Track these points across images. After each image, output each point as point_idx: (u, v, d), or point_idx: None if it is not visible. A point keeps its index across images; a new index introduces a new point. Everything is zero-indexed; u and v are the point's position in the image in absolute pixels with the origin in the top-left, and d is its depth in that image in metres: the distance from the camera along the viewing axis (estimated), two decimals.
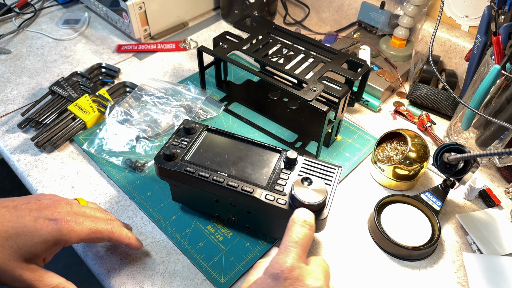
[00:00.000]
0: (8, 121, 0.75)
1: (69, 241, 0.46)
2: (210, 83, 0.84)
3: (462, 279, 0.56)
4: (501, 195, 0.66)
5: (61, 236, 0.45)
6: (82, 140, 0.71)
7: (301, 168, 0.54)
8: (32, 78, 0.85)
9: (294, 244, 0.37)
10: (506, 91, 0.61)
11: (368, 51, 0.86)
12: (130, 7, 0.88)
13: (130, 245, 0.53)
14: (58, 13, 1.04)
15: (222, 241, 0.58)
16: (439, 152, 0.58)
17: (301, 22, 1.04)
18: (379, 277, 0.56)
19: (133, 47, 0.93)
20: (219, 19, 1.05)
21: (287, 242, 0.37)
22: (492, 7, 0.64)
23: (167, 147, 0.55)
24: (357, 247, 0.59)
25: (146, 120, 0.73)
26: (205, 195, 0.56)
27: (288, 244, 0.37)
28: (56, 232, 0.44)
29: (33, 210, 0.45)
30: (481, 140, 0.66)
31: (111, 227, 0.50)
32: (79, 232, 0.46)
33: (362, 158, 0.71)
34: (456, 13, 0.83)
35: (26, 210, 0.45)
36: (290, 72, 0.67)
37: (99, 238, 0.49)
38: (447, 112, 0.78)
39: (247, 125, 0.76)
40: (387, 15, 0.89)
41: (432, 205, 0.61)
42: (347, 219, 0.62)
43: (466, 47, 0.81)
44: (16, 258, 0.43)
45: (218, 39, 0.75)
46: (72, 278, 0.48)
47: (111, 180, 0.66)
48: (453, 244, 0.60)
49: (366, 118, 0.79)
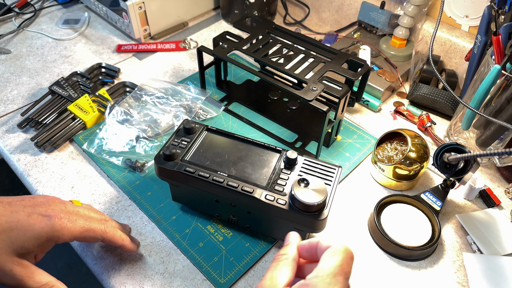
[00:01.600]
0: (8, 121, 0.75)
1: (62, 238, 0.46)
2: (210, 83, 0.84)
3: (462, 279, 0.56)
4: (501, 195, 0.66)
5: (53, 232, 0.45)
6: (82, 140, 0.71)
7: (301, 168, 0.54)
8: (32, 78, 0.85)
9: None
10: (506, 91, 0.61)
11: (368, 51, 0.86)
12: (130, 7, 0.87)
13: (124, 247, 0.53)
14: (58, 13, 1.04)
15: (222, 241, 0.58)
16: (439, 152, 0.58)
17: (301, 22, 1.04)
18: (379, 277, 0.56)
19: (133, 47, 0.93)
20: (219, 19, 1.05)
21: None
22: (492, 7, 0.64)
23: (167, 147, 0.55)
24: (357, 247, 0.59)
25: (146, 120, 0.73)
26: (205, 195, 0.56)
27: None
28: (49, 228, 0.45)
29: (27, 206, 0.46)
30: (481, 140, 0.66)
31: (105, 227, 0.50)
32: (72, 230, 0.46)
33: (362, 158, 0.71)
34: (456, 13, 0.83)
35: (20, 206, 0.45)
36: (290, 72, 0.67)
37: (92, 237, 0.49)
38: (447, 112, 0.78)
39: (247, 125, 0.76)
40: (387, 15, 0.89)
41: (432, 205, 0.61)
42: (347, 219, 0.62)
43: (466, 47, 0.81)
44: (8, 252, 0.43)
45: (218, 39, 0.75)
46: (72, 278, 0.49)
47: (111, 180, 0.66)
48: (453, 244, 0.60)
49: (366, 118, 0.79)
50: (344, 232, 0.61)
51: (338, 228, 0.61)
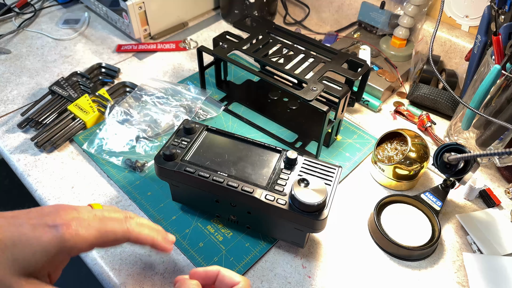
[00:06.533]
0: (8, 121, 0.75)
1: (75, 248, 0.40)
2: (210, 83, 0.84)
3: (462, 279, 0.56)
4: (501, 195, 0.66)
5: (63, 243, 0.39)
6: (82, 140, 0.71)
7: (301, 168, 0.54)
8: (32, 78, 0.85)
9: None
10: (506, 91, 0.61)
11: (368, 51, 0.86)
12: (130, 7, 0.87)
13: (155, 246, 0.46)
14: (58, 13, 1.04)
15: (222, 241, 0.58)
16: (439, 152, 0.58)
17: (301, 22, 1.04)
18: (379, 277, 0.56)
19: (133, 47, 0.93)
20: (219, 19, 1.05)
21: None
22: (492, 7, 0.64)
23: (167, 147, 0.55)
24: (357, 247, 0.59)
25: (146, 120, 0.73)
26: (205, 195, 0.56)
27: None
28: (57, 239, 0.39)
29: (32, 218, 0.40)
30: (481, 140, 0.66)
31: (128, 226, 0.43)
32: (85, 237, 0.40)
33: (362, 158, 0.71)
34: (456, 13, 0.83)
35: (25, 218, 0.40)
36: (290, 72, 0.67)
37: (113, 241, 0.43)
38: (447, 112, 0.78)
39: (247, 125, 0.76)
40: (387, 15, 0.89)
41: (432, 205, 0.61)
42: (347, 219, 0.62)
43: (466, 47, 0.81)
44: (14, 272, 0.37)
45: (218, 39, 0.75)
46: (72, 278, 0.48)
47: (111, 180, 0.66)
48: (453, 244, 0.60)
49: (366, 118, 0.79)
50: (344, 232, 0.61)
51: (338, 228, 0.61)
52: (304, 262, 0.57)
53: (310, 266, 0.56)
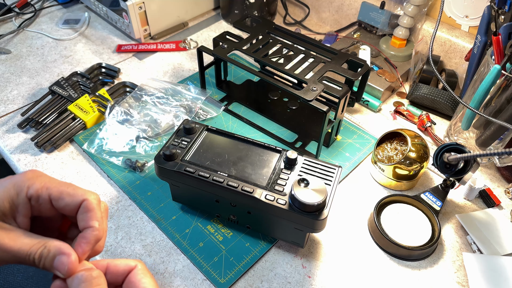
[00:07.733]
0: (8, 121, 0.75)
1: (33, 188, 0.37)
2: (210, 83, 0.84)
3: (462, 279, 0.56)
4: (501, 195, 0.66)
5: (23, 180, 0.37)
6: (82, 140, 0.71)
7: (301, 168, 0.54)
8: (32, 78, 0.85)
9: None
10: (506, 91, 0.61)
11: (368, 51, 0.86)
12: (130, 7, 0.88)
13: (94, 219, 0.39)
14: (58, 13, 1.04)
15: (222, 241, 0.58)
16: (439, 152, 0.58)
17: (301, 22, 1.04)
18: (379, 277, 0.56)
19: (133, 47, 0.93)
20: (219, 19, 1.05)
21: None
22: (492, 7, 0.64)
23: (167, 147, 0.55)
24: (357, 247, 0.59)
25: (146, 120, 0.73)
26: (205, 195, 0.56)
27: None
28: (18, 177, 0.37)
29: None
30: (481, 140, 0.66)
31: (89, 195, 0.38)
32: (46, 181, 0.38)
33: (362, 158, 0.71)
34: (456, 13, 0.83)
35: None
36: (290, 72, 0.67)
37: (69, 203, 0.37)
38: (447, 112, 0.78)
39: (247, 125, 0.76)
40: (387, 15, 0.89)
41: (432, 205, 0.61)
42: (347, 219, 0.62)
43: (466, 47, 0.81)
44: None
45: (218, 39, 0.75)
46: None
47: (111, 180, 0.66)
48: (453, 244, 0.60)
49: (366, 118, 0.79)
50: (344, 232, 0.61)
51: (338, 228, 0.61)
52: (304, 262, 0.57)
53: (310, 266, 0.56)
